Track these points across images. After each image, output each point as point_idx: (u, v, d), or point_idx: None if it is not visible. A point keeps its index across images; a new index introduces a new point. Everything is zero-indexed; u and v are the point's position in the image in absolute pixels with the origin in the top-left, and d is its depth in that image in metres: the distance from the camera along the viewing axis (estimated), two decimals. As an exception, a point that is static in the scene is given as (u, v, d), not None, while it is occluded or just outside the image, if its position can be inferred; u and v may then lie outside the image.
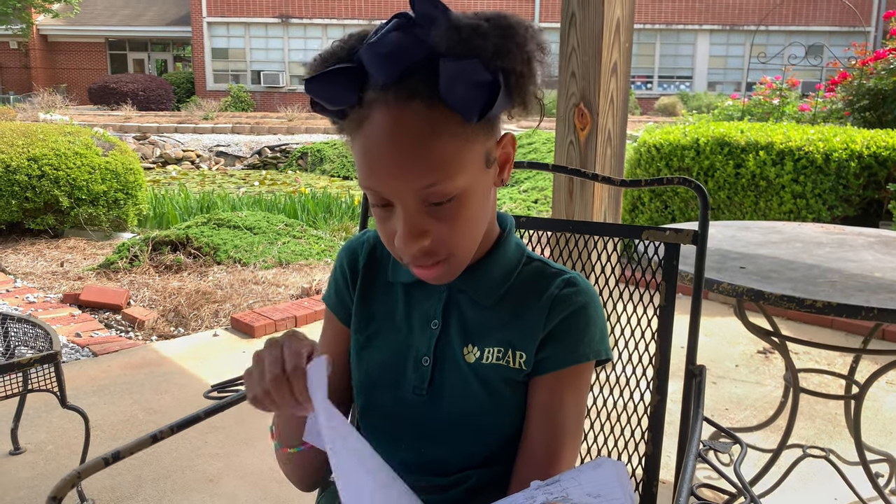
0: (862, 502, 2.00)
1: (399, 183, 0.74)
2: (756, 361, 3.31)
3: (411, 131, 0.72)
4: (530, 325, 0.88)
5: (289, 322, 3.69)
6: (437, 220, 0.77)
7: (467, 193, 0.78)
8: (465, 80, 0.70)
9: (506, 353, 0.87)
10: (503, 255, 0.90)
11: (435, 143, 0.73)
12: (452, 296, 0.91)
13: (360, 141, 0.75)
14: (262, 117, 18.88)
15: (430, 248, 0.78)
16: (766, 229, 2.34)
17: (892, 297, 1.55)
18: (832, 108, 6.44)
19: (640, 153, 4.92)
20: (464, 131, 0.74)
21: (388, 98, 0.72)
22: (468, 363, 0.88)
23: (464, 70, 0.70)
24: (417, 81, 0.72)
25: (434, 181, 0.74)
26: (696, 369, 1.13)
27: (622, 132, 3.01)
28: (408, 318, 0.92)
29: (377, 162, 0.74)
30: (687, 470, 0.86)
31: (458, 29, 0.70)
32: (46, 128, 5.96)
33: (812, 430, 2.57)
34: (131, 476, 2.26)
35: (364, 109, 0.74)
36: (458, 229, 0.79)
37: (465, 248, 0.81)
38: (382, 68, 0.72)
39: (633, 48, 2.99)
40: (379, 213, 0.80)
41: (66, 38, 28.56)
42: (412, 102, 0.72)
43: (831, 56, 7.59)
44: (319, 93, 0.75)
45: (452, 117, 0.73)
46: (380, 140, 0.73)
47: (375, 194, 0.77)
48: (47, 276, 4.69)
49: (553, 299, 0.88)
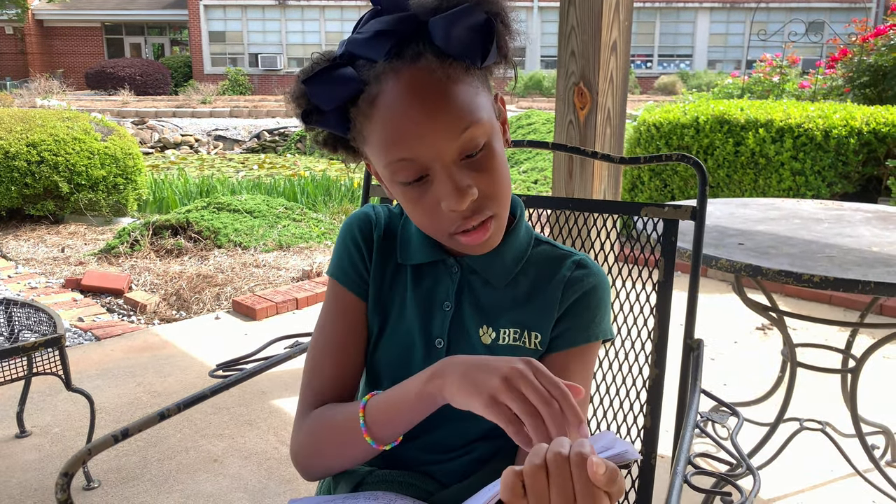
0: (857, 473, 2.03)
1: (434, 138, 0.75)
2: (755, 337, 3.33)
3: (430, 84, 0.74)
4: (545, 306, 0.89)
5: (290, 305, 3.70)
6: (476, 172, 0.78)
7: (493, 142, 0.79)
8: (461, 25, 0.73)
9: (522, 335, 0.89)
10: (515, 238, 0.91)
11: (454, 89, 0.75)
12: (465, 277, 0.91)
13: (379, 116, 0.75)
14: (260, 100, 18.80)
15: (478, 203, 0.78)
16: (765, 206, 2.34)
17: (888, 271, 1.56)
18: (832, 84, 6.42)
19: (639, 132, 4.92)
20: (472, 80, 0.77)
21: (394, 65, 0.74)
22: (484, 344, 0.89)
23: (457, 16, 0.72)
24: (416, 46, 0.74)
25: (467, 124, 0.75)
26: (693, 343, 1.14)
27: (622, 111, 3.01)
28: (418, 301, 0.92)
29: (406, 124, 0.74)
30: (684, 440, 0.88)
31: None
32: (45, 113, 5.94)
33: (810, 403, 2.59)
34: (137, 457, 2.29)
35: (373, 85, 0.75)
36: (495, 179, 0.79)
37: (504, 204, 0.82)
38: (377, 46, 0.74)
39: (633, 27, 2.98)
40: (412, 193, 0.79)
41: (62, 23, 28.39)
42: (419, 62, 0.74)
43: (832, 33, 7.55)
44: (320, 93, 0.76)
45: (459, 65, 0.75)
46: (402, 101, 0.74)
47: (410, 165, 0.76)
48: (48, 261, 4.70)
49: (566, 281, 0.90)
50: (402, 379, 0.89)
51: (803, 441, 2.25)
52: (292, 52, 26.17)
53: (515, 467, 0.59)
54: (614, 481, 0.55)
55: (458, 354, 0.86)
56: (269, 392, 2.74)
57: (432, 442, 0.91)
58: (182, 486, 2.14)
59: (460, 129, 0.75)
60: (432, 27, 0.73)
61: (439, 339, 0.90)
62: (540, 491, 0.57)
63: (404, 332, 0.92)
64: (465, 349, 0.89)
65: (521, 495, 0.57)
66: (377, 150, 0.77)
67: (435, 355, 0.89)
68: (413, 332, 0.91)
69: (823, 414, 2.43)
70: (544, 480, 0.57)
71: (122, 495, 2.09)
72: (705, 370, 2.94)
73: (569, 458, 0.56)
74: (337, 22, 25.80)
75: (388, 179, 0.80)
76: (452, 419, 0.88)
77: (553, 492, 0.56)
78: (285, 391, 2.76)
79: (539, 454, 0.58)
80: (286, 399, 2.70)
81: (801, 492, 2.09)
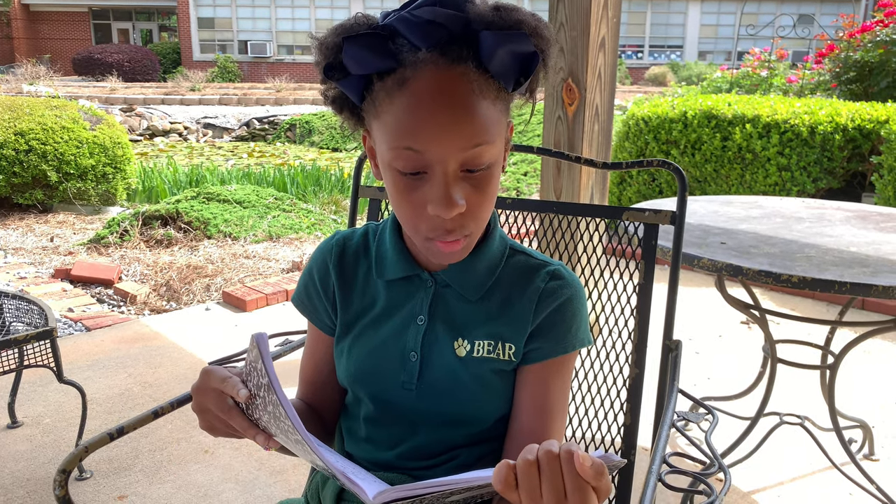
0: (834, 466, 2.08)
1: (447, 142, 0.75)
2: (739, 331, 3.39)
3: (462, 91, 0.75)
4: (518, 318, 0.90)
5: (280, 296, 3.73)
6: (471, 187, 0.79)
7: (495, 166, 0.81)
8: (509, 49, 0.74)
9: (496, 346, 0.90)
10: (489, 250, 0.92)
11: (482, 103, 0.76)
12: (438, 291, 0.92)
13: (404, 100, 0.75)
14: (249, 88, 18.71)
15: (461, 220, 0.79)
16: (749, 204, 2.39)
17: (864, 272, 1.60)
18: (819, 79, 6.47)
19: (628, 126, 4.95)
20: (498, 101, 0.78)
21: (435, 58, 0.74)
22: (459, 357, 0.90)
23: (510, 38, 0.74)
24: (460, 48, 0.75)
25: (481, 141, 0.77)
26: (672, 344, 1.18)
27: (610, 107, 3.04)
28: (391, 315, 0.93)
29: (427, 120, 0.75)
30: (661, 439, 0.92)
31: (496, 7, 0.75)
32: (32, 102, 5.91)
33: (790, 398, 2.65)
34: (129, 448, 2.31)
35: (408, 69, 0.75)
36: (484, 202, 0.81)
37: (482, 226, 0.84)
38: (425, 36, 0.74)
39: (624, 17, 3.01)
40: (406, 183, 0.79)
41: (49, 8, 28.05)
42: (459, 65, 0.75)
43: (821, 28, 7.60)
44: (356, 55, 0.75)
45: (493, 84, 0.77)
46: (431, 96, 0.74)
47: (413, 158, 0.77)
48: (37, 251, 4.70)
49: (540, 292, 0.90)
50: (379, 392, 0.92)
51: (783, 435, 2.31)
52: (282, 40, 25.99)
53: (509, 461, 0.62)
54: (601, 475, 0.59)
55: (431, 366, 0.90)
56: (259, 384, 2.76)
57: (413, 449, 0.92)
58: (173, 476, 2.17)
59: (474, 143, 0.76)
60: (483, 39, 0.74)
61: (413, 353, 0.91)
62: (531, 485, 0.61)
63: (379, 345, 0.93)
64: (439, 361, 0.90)
65: (513, 487, 0.61)
66: (389, 130, 0.77)
67: (409, 369, 0.91)
68: (388, 345, 0.92)
69: (803, 408, 2.48)
70: (536, 475, 0.61)
71: (115, 485, 2.12)
72: (690, 364, 3.00)
73: (559, 455, 0.60)
74: (327, 9, 25.64)
75: (386, 162, 0.80)
76: (432, 425, 0.91)
77: (544, 487, 0.60)
78: (275, 383, 2.78)
79: (532, 451, 0.62)
80: (276, 391, 2.73)
81: (780, 484, 2.15)
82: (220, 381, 0.75)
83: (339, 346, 0.96)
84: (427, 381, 0.90)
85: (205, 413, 0.77)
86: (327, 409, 1.01)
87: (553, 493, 0.60)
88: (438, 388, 0.90)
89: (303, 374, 1.02)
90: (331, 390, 1.00)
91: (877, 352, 3.14)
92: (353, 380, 0.94)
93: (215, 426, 0.78)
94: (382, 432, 0.94)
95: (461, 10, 0.74)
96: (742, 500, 2.06)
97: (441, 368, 0.90)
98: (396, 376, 0.91)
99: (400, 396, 0.91)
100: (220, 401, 0.75)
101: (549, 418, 0.89)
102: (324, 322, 0.98)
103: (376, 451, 0.94)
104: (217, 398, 0.75)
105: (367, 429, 0.95)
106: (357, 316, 0.95)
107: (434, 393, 0.90)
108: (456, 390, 0.90)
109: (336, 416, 1.02)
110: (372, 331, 0.93)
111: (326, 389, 1.00)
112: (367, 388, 0.93)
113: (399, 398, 0.91)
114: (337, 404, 1.01)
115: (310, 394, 1.01)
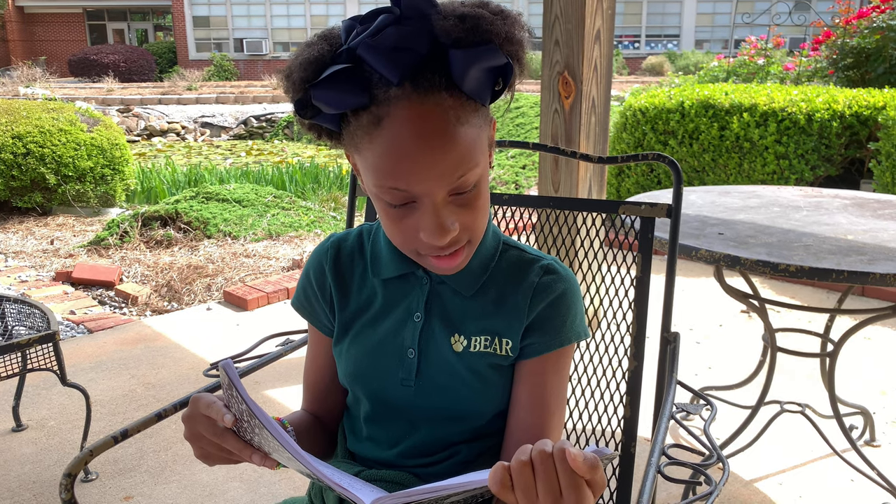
0: (835, 453, 2.10)
1: (431, 177, 0.74)
2: (739, 320, 3.40)
3: (438, 123, 0.73)
4: (513, 313, 0.91)
5: (281, 294, 3.74)
6: (461, 208, 0.79)
7: (482, 179, 0.80)
8: (481, 66, 0.72)
9: (492, 342, 0.90)
10: (483, 247, 0.92)
11: (461, 131, 0.74)
12: (434, 288, 0.93)
13: (381, 140, 0.74)
14: (246, 86, 18.68)
15: (456, 236, 0.80)
16: (746, 194, 2.39)
17: (861, 259, 1.61)
18: (816, 67, 6.46)
19: (625, 117, 4.95)
20: (477, 117, 0.77)
21: (408, 93, 0.72)
22: (456, 353, 0.90)
23: (480, 56, 0.71)
24: (431, 73, 0.72)
25: (464, 171, 0.76)
26: (670, 336, 1.19)
27: (606, 99, 3.04)
28: (388, 313, 0.93)
29: (406, 159, 0.73)
30: (659, 431, 0.92)
31: (462, 18, 0.71)
32: (30, 105, 5.92)
33: (791, 386, 2.66)
34: (134, 449, 2.33)
35: (382, 107, 0.72)
36: (477, 215, 0.81)
37: (480, 234, 0.84)
38: (393, 66, 0.70)
39: (620, 7, 3.01)
40: (394, 214, 0.79)
41: (44, 9, 28.00)
42: (432, 94, 0.72)
43: (817, 14, 7.58)
44: (326, 98, 0.73)
45: (468, 104, 0.75)
46: (408, 136, 0.72)
47: (399, 194, 0.76)
48: (38, 254, 4.71)
49: (534, 287, 0.91)
50: (378, 390, 0.93)
51: (784, 423, 2.32)
52: (278, 37, 25.94)
53: (504, 462, 0.64)
54: (595, 468, 0.60)
55: (429, 363, 0.90)
56: (262, 382, 2.77)
57: (413, 446, 0.93)
58: (178, 476, 2.18)
59: (458, 174, 0.76)
60: (453, 59, 0.71)
61: (411, 350, 0.92)
62: (526, 484, 0.62)
63: (377, 343, 0.93)
64: (436, 357, 0.91)
65: (509, 488, 0.62)
66: (371, 169, 0.77)
67: (407, 365, 0.92)
68: (386, 343, 0.93)
69: (804, 396, 2.49)
70: (530, 475, 0.62)
71: (120, 486, 2.13)
72: (691, 354, 3.01)
73: (552, 454, 0.61)
74: (322, 6, 25.58)
75: (374, 193, 0.80)
76: (431, 422, 0.92)
77: (539, 486, 0.61)
78: (278, 381, 2.80)
79: (525, 452, 0.63)
80: (279, 389, 2.74)
81: (782, 472, 2.16)
82: (206, 407, 0.76)
83: (337, 347, 0.97)
84: (425, 378, 0.91)
85: (198, 440, 0.78)
86: (333, 416, 1.02)
87: (548, 492, 0.61)
88: (436, 384, 0.91)
89: (306, 380, 1.03)
90: (335, 396, 1.01)
91: (877, 338, 3.14)
92: (352, 379, 0.95)
93: (210, 453, 0.78)
94: (382, 431, 0.95)
95: (425, 21, 0.71)
96: (744, 489, 2.07)
97: (439, 364, 0.91)
98: (395, 373, 0.92)
99: (399, 394, 0.92)
100: (212, 425, 0.76)
101: (547, 413, 0.90)
102: (323, 324, 0.99)
103: (377, 449, 0.95)
104: (208, 423, 0.76)
105: (368, 428, 0.96)
106: (354, 316, 0.95)
107: (432, 389, 0.91)
108: (454, 386, 0.90)
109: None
110: (370, 329, 0.94)
111: (330, 395, 1.01)
112: (367, 386, 0.94)
113: (398, 396, 0.92)
114: (342, 411, 1.02)
115: (314, 401, 1.02)
